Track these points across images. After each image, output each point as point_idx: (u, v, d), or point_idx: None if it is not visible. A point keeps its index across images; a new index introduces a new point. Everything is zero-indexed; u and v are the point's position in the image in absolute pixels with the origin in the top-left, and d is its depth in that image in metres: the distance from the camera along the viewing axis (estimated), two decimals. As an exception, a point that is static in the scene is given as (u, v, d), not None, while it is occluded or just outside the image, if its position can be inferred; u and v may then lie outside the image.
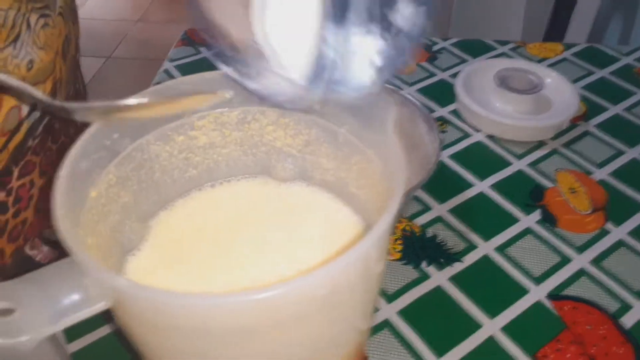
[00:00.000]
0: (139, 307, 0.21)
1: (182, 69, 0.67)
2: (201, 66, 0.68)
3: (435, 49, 0.71)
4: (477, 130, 0.58)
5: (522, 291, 0.43)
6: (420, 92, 0.64)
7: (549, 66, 0.65)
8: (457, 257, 0.46)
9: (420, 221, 0.49)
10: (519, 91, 0.57)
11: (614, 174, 0.53)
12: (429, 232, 0.48)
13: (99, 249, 0.26)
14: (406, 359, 0.39)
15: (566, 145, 0.57)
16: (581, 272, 0.44)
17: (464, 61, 0.69)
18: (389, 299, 0.42)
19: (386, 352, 0.39)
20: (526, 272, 0.44)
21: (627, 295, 0.43)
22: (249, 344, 0.23)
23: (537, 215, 0.49)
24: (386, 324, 0.41)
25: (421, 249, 0.46)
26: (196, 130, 0.32)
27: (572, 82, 0.60)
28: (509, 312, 0.41)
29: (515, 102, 0.58)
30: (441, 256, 0.46)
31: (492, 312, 0.41)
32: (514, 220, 0.49)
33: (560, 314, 0.41)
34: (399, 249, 0.46)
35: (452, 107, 0.62)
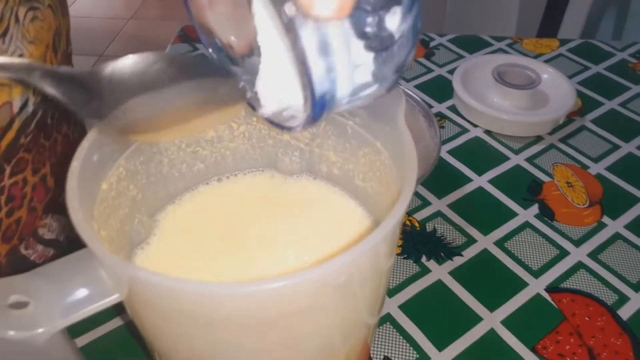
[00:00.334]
0: (156, 298, 0.21)
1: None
2: (199, 62, 0.68)
3: (432, 45, 0.71)
4: (475, 125, 0.59)
5: (521, 284, 0.43)
6: (417, 88, 0.64)
7: (545, 62, 0.66)
8: (456, 251, 0.46)
9: (420, 216, 0.49)
10: (516, 86, 0.58)
11: (610, 168, 0.54)
12: (429, 227, 0.48)
13: (111, 242, 0.26)
14: (408, 352, 0.39)
15: (563, 140, 0.57)
16: (579, 265, 0.45)
17: (461, 57, 0.69)
18: (390, 293, 0.43)
19: (388, 345, 0.39)
20: (525, 266, 0.45)
21: (624, 287, 0.43)
22: (261, 334, 0.23)
23: (535, 209, 0.50)
24: (388, 318, 0.41)
25: (421, 244, 0.47)
26: (205, 123, 0.32)
27: (568, 77, 0.61)
28: (509, 305, 0.42)
29: (512, 98, 0.59)
30: (441, 250, 0.46)
31: (492, 306, 0.42)
32: (513, 214, 0.49)
33: (559, 307, 0.42)
34: (399, 243, 0.47)
35: (449, 102, 0.62)
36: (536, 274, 0.44)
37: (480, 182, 0.53)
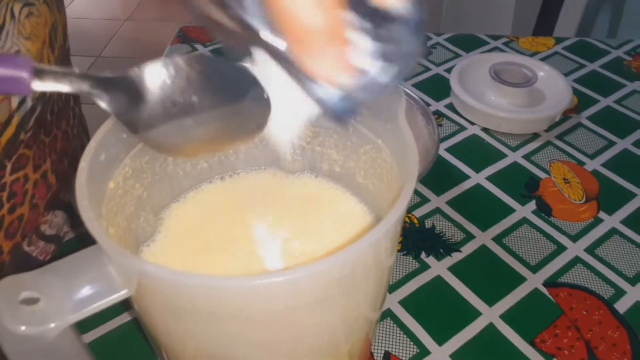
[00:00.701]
0: (164, 292, 0.22)
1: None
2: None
3: (429, 44, 0.72)
4: (472, 123, 0.60)
5: (520, 279, 0.44)
6: (415, 86, 0.65)
7: (541, 60, 0.67)
8: (455, 247, 0.47)
9: (419, 213, 0.50)
10: (513, 84, 0.58)
11: (606, 165, 0.55)
12: (428, 224, 0.49)
13: (119, 240, 0.27)
14: (408, 346, 0.40)
15: (559, 137, 0.58)
16: (576, 260, 0.46)
17: (458, 56, 0.70)
18: (391, 289, 0.43)
19: (389, 340, 0.40)
20: (523, 261, 0.45)
21: (620, 281, 0.44)
22: (266, 328, 0.23)
23: (532, 205, 0.51)
24: (388, 313, 0.42)
25: (420, 240, 0.47)
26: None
27: (564, 75, 0.62)
28: (507, 300, 0.43)
29: (509, 96, 0.59)
30: (440, 247, 0.47)
31: (490, 301, 0.42)
32: (510, 210, 0.50)
33: (556, 301, 0.43)
34: (399, 240, 0.47)
35: (447, 101, 0.63)
36: (534, 269, 0.45)
37: (478, 179, 0.53)
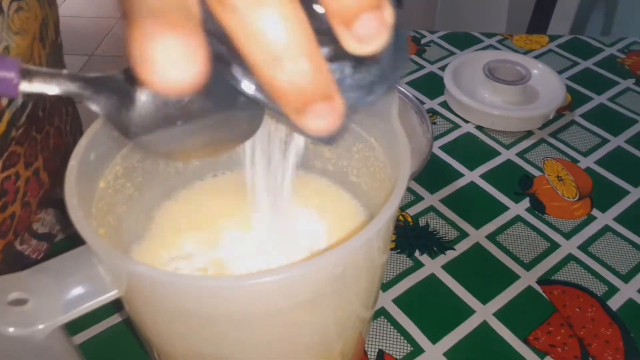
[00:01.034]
0: (154, 292, 0.22)
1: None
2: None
3: (423, 42, 0.72)
4: (466, 121, 0.60)
5: (513, 277, 0.44)
6: (409, 84, 0.65)
7: (535, 58, 0.67)
8: (449, 245, 0.47)
9: (412, 211, 0.50)
10: (507, 82, 0.58)
11: (599, 162, 0.55)
12: (422, 222, 0.49)
13: (109, 239, 0.27)
14: (402, 345, 0.40)
15: (553, 134, 0.58)
16: (569, 257, 0.46)
17: (452, 54, 0.70)
18: (384, 287, 0.43)
19: (383, 339, 0.40)
20: (516, 259, 0.46)
21: (613, 278, 0.44)
22: (257, 328, 0.23)
23: (526, 203, 0.51)
24: (382, 312, 0.41)
25: (414, 238, 0.47)
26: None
27: (558, 73, 0.62)
28: (501, 298, 0.43)
29: (503, 93, 0.59)
30: (434, 245, 0.47)
31: (484, 298, 0.42)
32: (504, 208, 0.50)
33: (550, 298, 0.43)
34: (392, 238, 0.47)
35: (441, 99, 0.63)
36: (527, 267, 0.45)
37: (472, 177, 0.53)
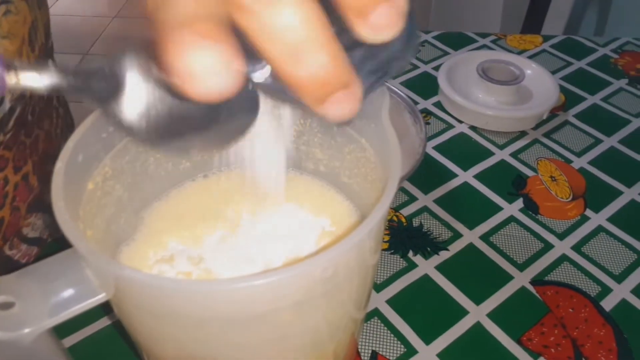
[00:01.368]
0: (141, 296, 0.21)
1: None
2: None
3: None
4: (460, 121, 0.59)
5: (507, 277, 0.44)
6: (403, 84, 0.65)
7: (529, 58, 0.67)
8: (443, 245, 0.46)
9: (406, 211, 0.50)
10: (500, 82, 0.58)
11: (592, 162, 0.55)
12: (415, 222, 0.49)
13: (97, 242, 0.26)
14: (396, 346, 0.39)
15: (547, 134, 0.58)
16: (563, 258, 0.46)
17: (446, 54, 0.70)
18: (378, 288, 0.43)
19: (376, 340, 0.40)
20: (510, 259, 0.45)
21: (607, 278, 0.44)
22: (248, 330, 0.23)
23: (519, 203, 0.50)
24: (375, 313, 0.41)
25: (408, 239, 0.47)
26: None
27: (551, 73, 0.62)
28: (494, 299, 0.42)
29: (497, 93, 0.59)
30: (427, 245, 0.46)
31: (477, 299, 0.42)
32: (498, 208, 0.50)
33: (543, 299, 0.43)
34: (386, 239, 0.47)
35: (435, 99, 0.62)
36: (521, 267, 0.45)
37: (465, 177, 0.53)
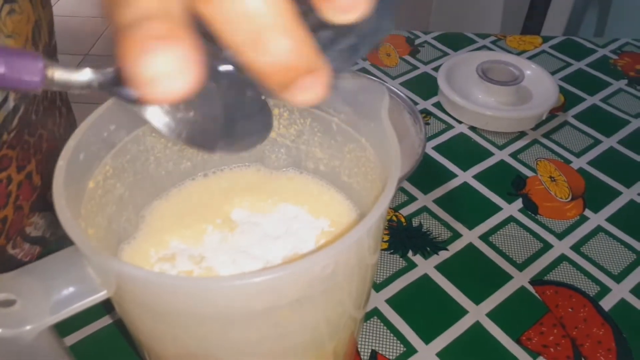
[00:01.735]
0: (142, 293, 0.22)
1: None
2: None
3: (417, 42, 0.72)
4: (460, 122, 0.60)
5: (506, 277, 0.44)
6: (403, 85, 0.65)
7: (528, 58, 0.67)
8: (442, 245, 0.47)
9: (405, 211, 0.50)
10: (500, 83, 0.59)
11: (592, 163, 0.55)
12: (415, 222, 0.49)
13: (99, 240, 0.26)
14: (395, 345, 0.40)
15: (546, 135, 0.58)
16: (562, 258, 0.46)
17: (446, 54, 0.70)
18: (377, 287, 0.43)
19: (376, 339, 0.40)
20: (509, 259, 0.46)
21: (606, 278, 0.44)
22: (247, 328, 0.23)
23: (519, 203, 0.51)
24: (375, 312, 0.41)
25: (407, 239, 0.47)
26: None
27: (551, 73, 0.62)
28: (494, 298, 0.43)
29: (496, 94, 0.59)
30: (427, 245, 0.47)
31: (477, 299, 0.42)
32: (497, 208, 0.50)
33: (542, 299, 0.43)
34: (385, 239, 0.47)
35: (434, 99, 0.63)
36: (520, 267, 0.45)
37: (465, 177, 0.53)
